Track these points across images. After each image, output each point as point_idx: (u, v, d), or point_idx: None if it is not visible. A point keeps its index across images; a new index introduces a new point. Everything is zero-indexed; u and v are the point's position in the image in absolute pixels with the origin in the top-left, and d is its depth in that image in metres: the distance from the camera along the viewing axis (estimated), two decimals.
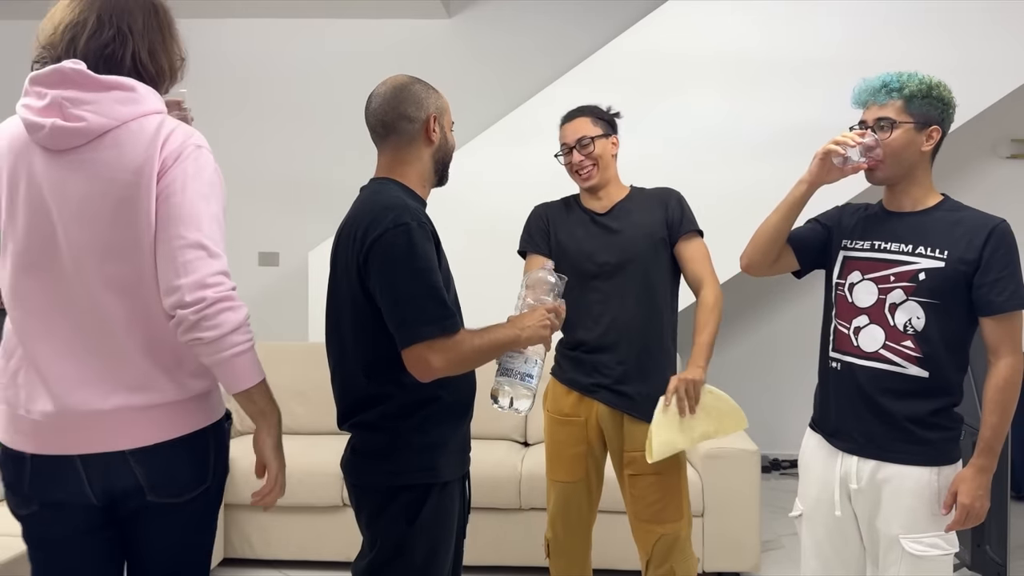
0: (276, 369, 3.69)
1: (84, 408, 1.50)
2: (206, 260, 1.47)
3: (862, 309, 1.90)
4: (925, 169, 1.91)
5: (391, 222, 1.66)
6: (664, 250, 2.39)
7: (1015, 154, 4.71)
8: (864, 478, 1.88)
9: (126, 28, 1.55)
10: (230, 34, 5.11)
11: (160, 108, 1.56)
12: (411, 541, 1.73)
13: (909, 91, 1.85)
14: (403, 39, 5.01)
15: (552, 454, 2.47)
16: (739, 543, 3.15)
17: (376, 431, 1.75)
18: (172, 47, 1.65)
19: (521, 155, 4.30)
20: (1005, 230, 1.85)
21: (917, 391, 1.85)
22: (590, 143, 2.40)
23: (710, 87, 4.20)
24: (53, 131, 1.49)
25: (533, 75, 4.82)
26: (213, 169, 1.55)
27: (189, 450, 1.57)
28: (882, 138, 1.85)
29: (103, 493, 1.54)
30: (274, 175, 5.10)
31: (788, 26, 4.14)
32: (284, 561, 3.38)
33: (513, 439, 3.69)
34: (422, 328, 1.63)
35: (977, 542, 3.06)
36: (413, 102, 1.79)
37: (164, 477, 1.56)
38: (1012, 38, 4.02)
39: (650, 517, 2.35)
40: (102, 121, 1.49)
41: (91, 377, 1.51)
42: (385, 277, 1.65)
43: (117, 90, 1.51)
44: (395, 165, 1.82)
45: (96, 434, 1.51)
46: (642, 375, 2.35)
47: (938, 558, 1.83)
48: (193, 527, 1.65)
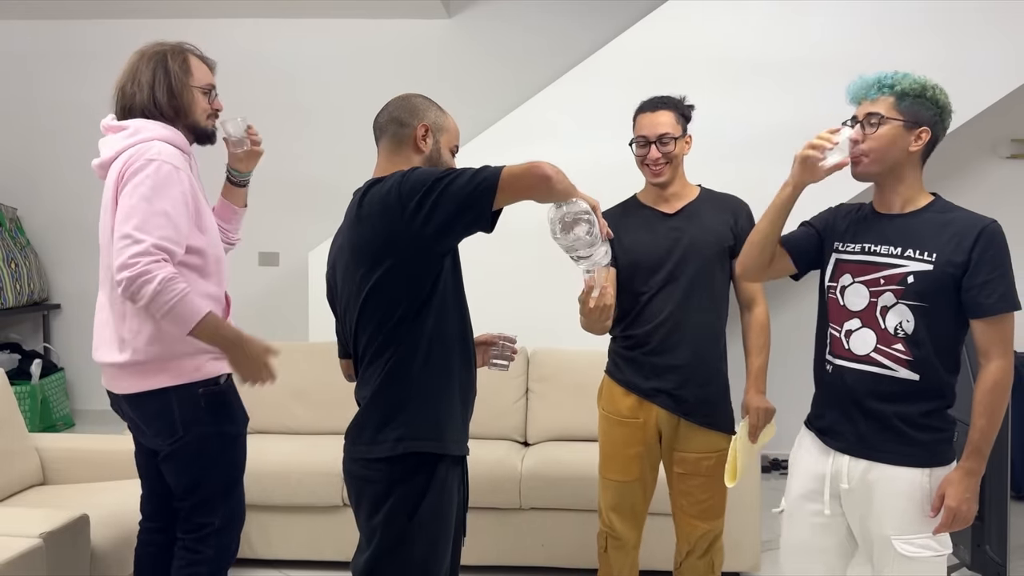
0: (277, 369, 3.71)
1: (99, 360, 2.15)
2: (129, 246, 1.94)
3: (854, 312, 1.90)
4: (914, 170, 1.89)
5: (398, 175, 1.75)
6: (727, 258, 2.39)
7: (1015, 154, 4.71)
8: (855, 478, 1.88)
9: (138, 82, 2.17)
10: (230, 34, 5.11)
11: (150, 136, 2.09)
12: (411, 535, 1.74)
13: (901, 89, 1.84)
14: (403, 39, 5.01)
15: (607, 453, 2.47)
16: (739, 543, 3.15)
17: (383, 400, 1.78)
18: (183, 84, 2.18)
19: (521, 155, 4.27)
20: (995, 231, 1.83)
21: (909, 393, 1.84)
22: (671, 143, 2.35)
23: (710, 87, 4.20)
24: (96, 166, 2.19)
25: (533, 75, 4.82)
26: (163, 174, 2.03)
27: (155, 403, 2.09)
28: (868, 133, 1.84)
29: (129, 422, 2.22)
30: (274, 175, 5.07)
31: (788, 26, 4.13)
32: (284, 561, 3.38)
33: (513, 439, 3.69)
34: (488, 171, 1.71)
35: (977, 542, 3.05)
36: (408, 109, 1.88)
37: (143, 421, 2.15)
38: (1011, 38, 4.01)
39: (696, 514, 2.42)
40: (109, 154, 2.13)
41: (105, 338, 2.14)
42: (430, 196, 1.71)
43: (121, 131, 2.14)
44: (388, 168, 1.87)
45: (108, 378, 2.18)
46: (700, 381, 2.37)
47: (930, 559, 1.83)
48: (183, 468, 2.16)
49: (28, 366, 4.94)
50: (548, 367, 3.69)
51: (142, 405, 2.12)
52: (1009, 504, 3.06)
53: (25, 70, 5.28)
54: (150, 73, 2.16)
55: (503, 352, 2.08)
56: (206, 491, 2.18)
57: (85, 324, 5.31)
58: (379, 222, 1.73)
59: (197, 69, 2.22)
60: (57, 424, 5.08)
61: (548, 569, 3.30)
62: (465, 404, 1.88)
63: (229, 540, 2.25)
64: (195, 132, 2.25)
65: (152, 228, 1.97)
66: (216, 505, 2.20)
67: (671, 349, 2.35)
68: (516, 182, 1.69)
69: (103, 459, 3.12)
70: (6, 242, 5.00)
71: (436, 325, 1.77)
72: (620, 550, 2.48)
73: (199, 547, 2.19)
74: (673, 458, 2.42)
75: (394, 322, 1.75)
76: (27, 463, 3.02)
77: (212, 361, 2.12)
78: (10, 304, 4.94)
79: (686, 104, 2.44)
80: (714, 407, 2.41)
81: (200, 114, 2.23)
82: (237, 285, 5.19)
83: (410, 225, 1.70)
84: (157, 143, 2.08)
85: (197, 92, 2.21)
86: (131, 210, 1.98)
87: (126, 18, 5.14)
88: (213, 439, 2.15)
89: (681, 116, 2.40)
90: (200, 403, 2.11)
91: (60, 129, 5.27)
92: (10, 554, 2.06)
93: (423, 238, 1.71)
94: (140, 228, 1.96)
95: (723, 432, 2.40)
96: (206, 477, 2.17)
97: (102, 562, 2.48)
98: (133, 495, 2.80)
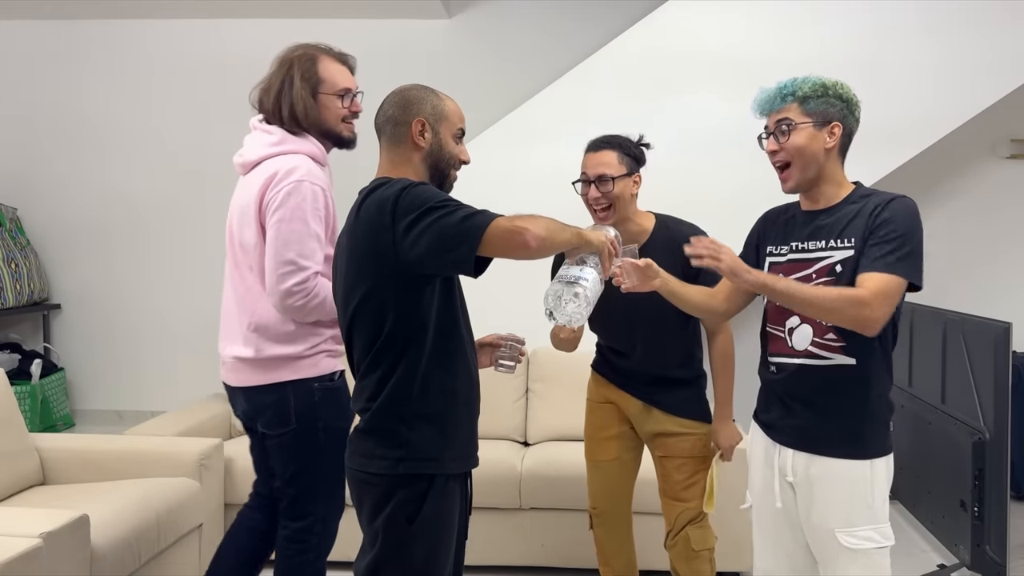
0: None
1: (225, 354, 2.28)
2: (295, 273, 2.10)
3: (790, 311, 1.92)
4: (835, 166, 1.93)
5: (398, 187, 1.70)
6: None
7: (1015, 154, 4.70)
8: (799, 472, 1.91)
9: (271, 91, 2.22)
10: (230, 34, 5.11)
11: (294, 149, 2.16)
12: (412, 539, 1.74)
13: (803, 93, 1.91)
14: (403, 39, 5.01)
15: (588, 435, 2.61)
16: (739, 543, 3.15)
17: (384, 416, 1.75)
18: (310, 94, 2.19)
19: (521, 155, 4.30)
20: (901, 203, 1.83)
21: (847, 381, 1.86)
22: (610, 183, 2.31)
23: (710, 87, 4.20)
24: (238, 164, 2.29)
25: (533, 75, 4.82)
26: (314, 197, 2.11)
27: (273, 395, 2.19)
28: (783, 141, 1.90)
29: (241, 414, 2.35)
30: None
31: (788, 27, 4.14)
32: None
33: (513, 439, 3.69)
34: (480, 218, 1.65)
35: (977, 542, 3.06)
36: (403, 105, 1.83)
37: (257, 412, 2.25)
38: (1011, 38, 4.01)
39: (674, 495, 2.48)
40: (252, 157, 2.22)
41: (232, 333, 2.26)
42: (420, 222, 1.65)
43: (266, 135, 2.22)
44: (390, 168, 1.84)
45: (228, 371, 2.29)
46: (666, 387, 2.46)
47: (874, 551, 1.84)
48: (291, 457, 2.24)
49: (28, 366, 4.94)
50: (548, 367, 3.69)
51: (259, 397, 2.21)
52: (1009, 504, 3.06)
53: (25, 70, 5.28)
54: (279, 82, 2.19)
55: (511, 353, 2.05)
56: (311, 480, 2.26)
57: (85, 324, 5.35)
58: (371, 230, 1.69)
59: (328, 73, 2.19)
60: (57, 424, 5.08)
61: (548, 569, 3.30)
62: (470, 419, 1.84)
63: (332, 528, 2.34)
64: (331, 139, 2.24)
65: (309, 253, 2.10)
66: (319, 494, 2.27)
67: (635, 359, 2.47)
68: (497, 242, 1.63)
69: (103, 459, 3.12)
70: (6, 242, 5.00)
71: (435, 341, 1.74)
72: (605, 527, 2.59)
73: (305, 536, 2.28)
74: (654, 442, 2.50)
75: (384, 337, 1.71)
76: (27, 463, 3.01)
77: (328, 359, 2.23)
78: (10, 304, 4.94)
79: (639, 144, 2.40)
80: (683, 399, 2.48)
81: (334, 120, 2.21)
82: None
83: (399, 244, 1.66)
84: (302, 160, 2.13)
85: (329, 98, 2.19)
86: (291, 234, 2.08)
87: (126, 18, 5.14)
88: (322, 432, 2.22)
89: (627, 156, 2.35)
90: (315, 397, 2.20)
91: (60, 129, 5.27)
92: (10, 554, 2.06)
93: (408, 261, 1.66)
94: (302, 255, 2.09)
95: (698, 420, 2.47)
96: (313, 467, 2.24)
97: (102, 562, 2.48)
98: (133, 495, 2.81)
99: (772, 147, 1.94)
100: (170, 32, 5.16)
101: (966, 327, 3.23)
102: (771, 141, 1.94)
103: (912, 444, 3.68)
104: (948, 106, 4.01)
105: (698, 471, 2.45)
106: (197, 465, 3.12)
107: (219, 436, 3.63)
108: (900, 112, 4.00)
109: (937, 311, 3.53)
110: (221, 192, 5.42)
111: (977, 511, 3.05)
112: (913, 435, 3.67)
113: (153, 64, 5.18)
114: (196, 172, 5.17)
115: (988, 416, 3.04)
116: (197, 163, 5.16)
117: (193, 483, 3.08)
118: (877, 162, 4.01)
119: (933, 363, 3.50)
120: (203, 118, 5.16)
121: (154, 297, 5.28)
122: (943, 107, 4.01)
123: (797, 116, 1.91)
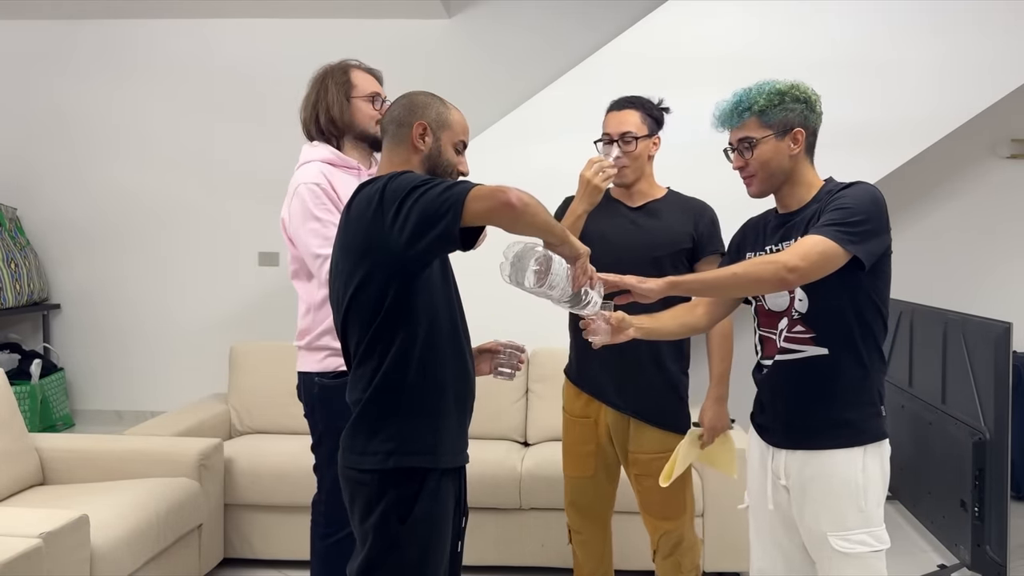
0: (276, 369, 3.71)
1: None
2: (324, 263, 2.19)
3: (780, 313, 1.93)
4: (804, 169, 1.93)
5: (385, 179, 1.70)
6: (683, 261, 2.38)
7: (1015, 154, 4.71)
8: (792, 474, 1.90)
9: (308, 105, 2.43)
10: (230, 34, 5.11)
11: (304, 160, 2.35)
12: (404, 539, 1.72)
13: (759, 106, 1.90)
14: (403, 39, 5.01)
15: (565, 449, 2.53)
16: (739, 543, 3.15)
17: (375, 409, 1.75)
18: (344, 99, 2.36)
19: (521, 155, 4.29)
20: (858, 186, 1.83)
21: (825, 370, 1.86)
22: (633, 142, 2.34)
23: (710, 88, 4.17)
24: None
25: (533, 75, 4.82)
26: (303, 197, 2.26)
27: (301, 383, 2.39)
28: (748, 158, 1.91)
29: None
30: (274, 175, 5.09)
31: (788, 27, 4.13)
32: (284, 561, 3.38)
33: (513, 439, 3.69)
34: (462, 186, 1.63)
35: (977, 542, 3.06)
36: (408, 108, 1.84)
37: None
38: (1011, 38, 4.01)
39: (655, 513, 2.44)
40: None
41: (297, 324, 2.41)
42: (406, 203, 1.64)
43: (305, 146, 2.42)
44: (389, 168, 1.84)
45: None
46: (648, 378, 2.37)
47: (868, 555, 1.83)
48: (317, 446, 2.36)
49: (28, 366, 4.94)
50: (548, 367, 3.69)
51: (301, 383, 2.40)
52: (1009, 504, 3.06)
53: (25, 70, 5.28)
54: (314, 95, 2.40)
55: (510, 360, 2.04)
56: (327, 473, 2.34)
57: (85, 324, 5.35)
58: (363, 223, 1.70)
59: (359, 80, 2.38)
60: (57, 424, 5.08)
61: (548, 569, 3.30)
62: (461, 414, 1.83)
63: None
64: (367, 140, 2.39)
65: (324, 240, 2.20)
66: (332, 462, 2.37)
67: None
68: (479, 203, 1.62)
69: (103, 459, 3.12)
70: (6, 242, 5.00)
71: (427, 335, 1.74)
72: (583, 545, 2.54)
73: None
74: (629, 459, 2.43)
75: (377, 327, 1.71)
76: (27, 463, 3.02)
77: (330, 357, 2.30)
78: (10, 304, 4.94)
79: (660, 107, 2.42)
80: (662, 406, 2.40)
81: (367, 122, 2.37)
82: (237, 285, 5.23)
83: (389, 231, 1.66)
84: (304, 170, 2.30)
85: (361, 102, 2.37)
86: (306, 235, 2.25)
87: (126, 18, 5.14)
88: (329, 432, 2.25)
89: (649, 117, 2.38)
90: (314, 391, 2.32)
91: (60, 129, 5.27)
92: (10, 554, 2.06)
93: (399, 246, 1.66)
94: (321, 246, 2.21)
95: (675, 432, 2.39)
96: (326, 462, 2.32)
97: (102, 562, 2.48)
98: (133, 495, 2.81)
99: (739, 163, 1.95)
100: (170, 32, 5.16)
101: (966, 327, 3.23)
102: (736, 157, 1.95)
103: (912, 444, 3.68)
104: (950, 106, 4.00)
105: (675, 486, 2.37)
106: (197, 465, 3.13)
107: (219, 436, 3.63)
108: (902, 112, 4.00)
109: (937, 311, 3.53)
110: (222, 192, 5.45)
111: (977, 511, 3.05)
112: (913, 435, 3.67)
113: (153, 64, 5.18)
114: (196, 172, 5.17)
115: (988, 416, 3.04)
116: (197, 163, 5.16)
117: (193, 483, 3.08)
118: (877, 162, 4.00)
119: (933, 363, 3.50)
120: (204, 118, 5.15)
121: (154, 297, 5.29)
122: (945, 107, 4.00)
123: (757, 131, 1.90)
